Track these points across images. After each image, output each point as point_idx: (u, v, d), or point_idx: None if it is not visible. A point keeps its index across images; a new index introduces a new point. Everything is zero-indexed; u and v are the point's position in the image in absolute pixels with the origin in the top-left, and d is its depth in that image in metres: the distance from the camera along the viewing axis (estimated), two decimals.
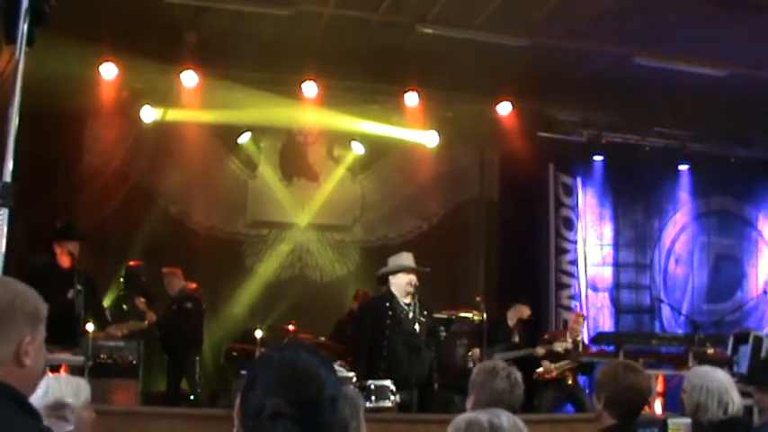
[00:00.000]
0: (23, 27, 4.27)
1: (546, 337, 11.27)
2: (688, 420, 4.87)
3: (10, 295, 2.42)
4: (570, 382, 10.93)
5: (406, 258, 8.15)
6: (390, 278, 8.03)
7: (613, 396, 4.22)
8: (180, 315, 10.34)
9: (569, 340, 10.82)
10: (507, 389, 4.24)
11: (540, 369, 10.69)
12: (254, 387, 2.18)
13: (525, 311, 11.12)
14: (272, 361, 2.23)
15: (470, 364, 10.02)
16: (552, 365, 10.69)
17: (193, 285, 10.77)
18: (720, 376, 4.70)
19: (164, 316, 10.11)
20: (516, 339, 10.87)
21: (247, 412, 2.16)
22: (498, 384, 4.24)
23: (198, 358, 10.58)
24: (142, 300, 9.86)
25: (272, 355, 2.26)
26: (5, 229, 4.11)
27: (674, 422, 5.60)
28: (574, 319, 11.81)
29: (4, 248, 4.10)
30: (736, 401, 4.60)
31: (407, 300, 7.94)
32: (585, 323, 12.55)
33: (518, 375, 4.34)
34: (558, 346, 10.64)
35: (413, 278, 7.94)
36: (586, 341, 11.78)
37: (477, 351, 10.24)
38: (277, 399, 2.13)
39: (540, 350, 10.62)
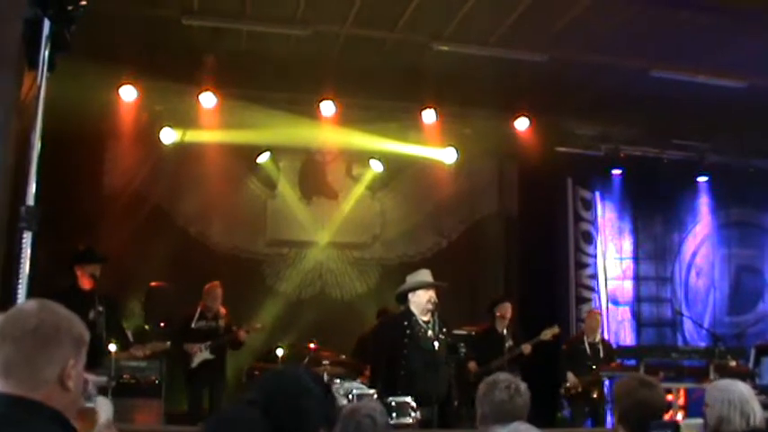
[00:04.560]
0: (45, 53, 4.32)
1: (564, 347, 11.12)
2: (700, 421, 4.92)
3: (56, 318, 2.45)
4: (595, 395, 10.80)
5: (425, 275, 8.09)
6: (409, 296, 7.94)
7: (627, 410, 4.28)
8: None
9: (556, 327, 10.57)
10: (506, 399, 4.36)
11: (568, 384, 10.61)
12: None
13: (508, 309, 10.74)
14: (270, 371, 2.80)
15: (471, 379, 9.96)
16: (577, 379, 10.60)
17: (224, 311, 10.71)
18: (741, 388, 4.70)
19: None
20: (510, 343, 10.44)
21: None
22: (496, 396, 4.38)
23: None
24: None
25: (275, 369, 2.81)
26: (29, 252, 4.15)
27: (686, 423, 5.63)
28: (590, 317, 11.59)
29: (28, 271, 4.15)
30: (757, 412, 4.60)
31: (426, 317, 7.85)
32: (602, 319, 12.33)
33: (521, 386, 4.43)
34: (546, 335, 10.46)
35: (432, 295, 7.86)
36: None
37: (472, 364, 10.22)
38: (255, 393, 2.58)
39: (527, 347, 10.38)
